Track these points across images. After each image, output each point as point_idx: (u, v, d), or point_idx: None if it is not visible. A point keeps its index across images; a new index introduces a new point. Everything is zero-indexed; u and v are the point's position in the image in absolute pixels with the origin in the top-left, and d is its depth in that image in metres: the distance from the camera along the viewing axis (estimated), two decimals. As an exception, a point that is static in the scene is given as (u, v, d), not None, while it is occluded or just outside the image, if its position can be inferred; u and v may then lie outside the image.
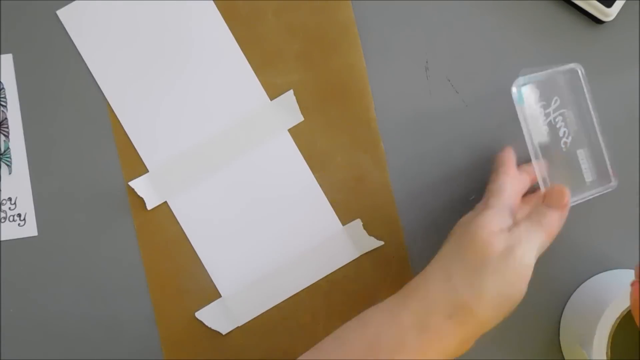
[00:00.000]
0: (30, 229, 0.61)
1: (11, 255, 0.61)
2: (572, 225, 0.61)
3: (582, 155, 0.59)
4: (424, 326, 0.49)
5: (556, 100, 0.59)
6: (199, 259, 0.61)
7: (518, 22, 0.62)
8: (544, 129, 0.59)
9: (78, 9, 0.61)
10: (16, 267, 0.61)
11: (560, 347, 0.61)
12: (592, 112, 0.59)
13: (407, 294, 0.51)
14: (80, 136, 0.61)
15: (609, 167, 0.59)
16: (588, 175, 0.59)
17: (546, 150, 0.59)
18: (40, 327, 0.61)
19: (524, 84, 0.57)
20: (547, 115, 0.59)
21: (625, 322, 0.55)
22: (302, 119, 0.61)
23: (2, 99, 0.61)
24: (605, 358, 0.54)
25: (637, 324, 0.49)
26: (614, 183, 0.59)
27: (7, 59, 0.62)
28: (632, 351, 0.57)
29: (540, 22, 0.61)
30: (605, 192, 0.59)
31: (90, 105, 0.62)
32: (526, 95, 0.56)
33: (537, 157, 0.55)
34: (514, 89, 0.56)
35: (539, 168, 0.55)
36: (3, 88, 0.61)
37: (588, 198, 0.59)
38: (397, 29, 0.62)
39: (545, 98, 0.60)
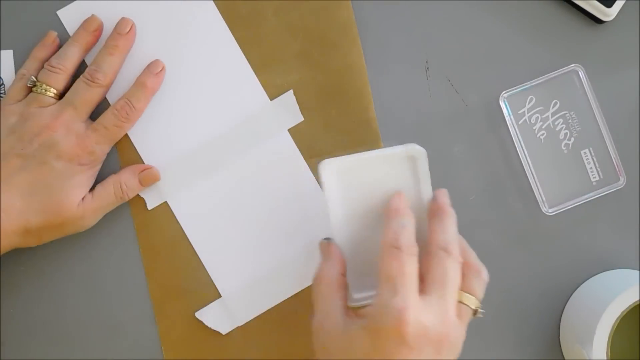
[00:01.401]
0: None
1: (11, 255, 0.61)
2: (573, 225, 0.61)
3: (586, 155, 0.59)
4: None
5: (555, 104, 0.60)
6: (199, 259, 0.61)
7: (518, 22, 0.62)
8: (541, 134, 0.60)
9: (78, 9, 0.61)
10: (16, 267, 0.61)
11: (560, 347, 0.61)
12: (595, 112, 0.60)
13: None
14: (80, 136, 0.61)
15: (616, 165, 0.59)
16: (594, 175, 0.60)
17: (545, 155, 0.60)
18: (40, 327, 0.61)
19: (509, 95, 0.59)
20: (544, 120, 0.60)
21: (625, 322, 0.55)
22: (302, 119, 0.61)
23: (1, 95, 0.61)
24: (605, 358, 0.54)
25: None
26: (621, 181, 0.59)
27: (8, 54, 0.61)
28: (632, 351, 0.57)
29: (540, 22, 0.61)
30: (611, 190, 0.60)
31: (90, 105, 0.62)
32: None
33: None
34: (501, 102, 0.58)
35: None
36: (3, 84, 0.61)
37: (594, 197, 0.60)
38: (397, 29, 0.62)
39: (542, 103, 0.60)
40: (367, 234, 0.53)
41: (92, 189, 0.59)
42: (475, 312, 0.51)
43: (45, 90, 0.58)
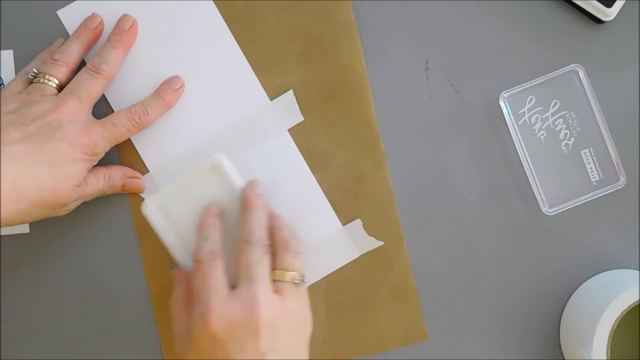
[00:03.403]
0: (23, 226, 0.62)
1: (11, 255, 0.61)
2: (573, 225, 0.61)
3: (586, 155, 0.59)
4: None
5: (555, 104, 0.60)
6: (199, 259, 0.61)
7: (518, 22, 0.62)
8: (541, 134, 0.60)
9: (78, 9, 0.61)
10: (16, 267, 0.61)
11: (560, 347, 0.61)
12: (595, 112, 0.60)
13: None
14: (80, 136, 0.61)
15: (616, 165, 0.59)
16: (594, 175, 0.60)
17: (545, 155, 0.60)
18: (40, 327, 0.61)
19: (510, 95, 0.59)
20: (544, 120, 0.60)
21: (625, 322, 0.55)
22: (302, 119, 0.61)
23: (1, 97, 0.61)
24: (605, 358, 0.54)
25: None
26: (621, 181, 0.59)
27: (8, 55, 0.62)
28: (632, 351, 0.57)
29: (540, 22, 0.61)
30: (611, 190, 0.60)
31: (90, 105, 0.62)
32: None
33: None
34: (501, 102, 0.58)
35: None
36: (2, 84, 0.61)
37: (594, 197, 0.60)
38: (397, 29, 0.62)
39: (542, 103, 0.60)
40: None
41: None
42: (296, 283, 0.54)
43: (48, 80, 0.57)
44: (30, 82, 0.58)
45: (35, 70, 0.58)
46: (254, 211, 0.55)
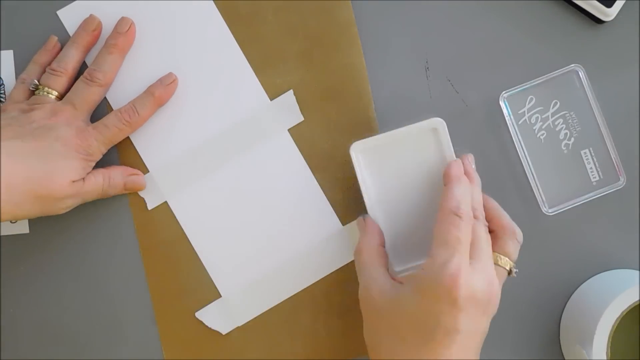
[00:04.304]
0: (23, 226, 0.62)
1: (11, 255, 0.61)
2: (573, 225, 0.61)
3: (586, 155, 0.59)
4: None
5: (555, 104, 0.60)
6: (199, 259, 0.61)
7: (518, 22, 0.62)
8: (541, 134, 0.60)
9: (78, 9, 0.61)
10: (16, 267, 0.61)
11: (560, 347, 0.61)
12: (595, 112, 0.60)
13: None
14: (80, 136, 0.61)
15: (616, 165, 0.59)
16: (594, 175, 0.60)
17: (545, 155, 0.60)
18: (40, 327, 0.61)
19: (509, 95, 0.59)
20: (544, 120, 0.60)
21: (625, 322, 0.55)
22: (302, 119, 0.61)
23: (1, 95, 0.61)
24: (605, 358, 0.54)
25: None
26: (621, 181, 0.59)
27: (8, 55, 0.62)
28: (632, 351, 0.57)
29: (540, 22, 0.61)
30: (611, 190, 0.60)
31: (90, 105, 0.62)
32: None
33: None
34: (501, 102, 0.58)
35: None
36: (3, 84, 0.61)
37: (594, 197, 0.60)
38: (397, 29, 0.62)
39: (542, 103, 0.60)
40: (402, 208, 0.57)
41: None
42: (509, 272, 0.54)
43: (47, 93, 0.58)
44: (32, 93, 0.59)
45: (36, 81, 0.59)
46: (476, 188, 0.55)
